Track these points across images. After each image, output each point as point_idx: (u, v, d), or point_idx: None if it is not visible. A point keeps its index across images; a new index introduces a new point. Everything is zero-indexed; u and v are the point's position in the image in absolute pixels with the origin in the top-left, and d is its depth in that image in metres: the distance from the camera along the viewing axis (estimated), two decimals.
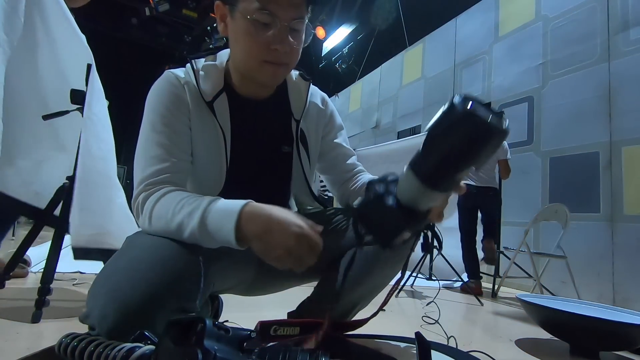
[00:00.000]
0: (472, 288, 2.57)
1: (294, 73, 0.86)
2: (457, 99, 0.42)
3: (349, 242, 0.80)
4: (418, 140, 4.10)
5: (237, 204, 0.59)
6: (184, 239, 0.61)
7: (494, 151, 0.44)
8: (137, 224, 0.68)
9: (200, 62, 0.77)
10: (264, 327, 0.55)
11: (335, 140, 0.91)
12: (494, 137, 0.41)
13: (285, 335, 0.58)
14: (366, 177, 0.88)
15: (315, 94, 0.89)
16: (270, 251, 0.58)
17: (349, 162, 0.91)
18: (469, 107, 0.40)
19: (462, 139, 0.42)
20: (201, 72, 0.75)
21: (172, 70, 0.75)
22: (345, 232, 0.82)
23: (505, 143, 2.83)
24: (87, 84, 1.33)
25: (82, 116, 1.22)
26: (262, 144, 0.80)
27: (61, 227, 1.21)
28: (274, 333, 0.57)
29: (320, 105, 0.89)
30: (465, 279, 2.76)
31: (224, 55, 0.80)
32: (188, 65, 0.77)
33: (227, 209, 0.59)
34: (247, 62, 0.72)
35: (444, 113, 0.43)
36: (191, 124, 0.72)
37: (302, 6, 0.69)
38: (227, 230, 0.58)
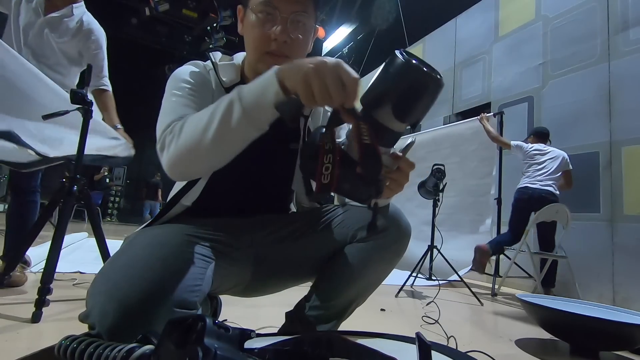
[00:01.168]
0: (477, 261, 2.63)
1: None
2: (398, 53, 0.52)
3: (344, 238, 0.81)
4: (417, 138, 4.10)
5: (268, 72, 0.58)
6: (216, 129, 0.58)
7: (428, 101, 0.52)
8: (162, 160, 0.65)
9: (218, 56, 0.82)
10: None
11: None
12: (429, 84, 0.51)
13: None
14: None
15: None
16: (314, 77, 0.52)
17: None
18: (407, 58, 0.51)
19: (403, 83, 0.51)
20: (219, 67, 0.79)
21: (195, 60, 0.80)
22: (341, 229, 0.82)
23: (566, 156, 2.85)
24: (87, 85, 1.33)
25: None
26: (270, 140, 0.82)
27: (61, 227, 1.21)
28: None
29: (326, 107, 0.92)
30: (461, 274, 2.77)
31: (240, 56, 0.84)
32: (208, 61, 0.81)
33: (261, 77, 0.59)
34: (254, 55, 0.76)
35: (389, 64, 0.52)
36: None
37: (307, 1, 0.73)
38: (269, 81, 0.56)
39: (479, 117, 3.17)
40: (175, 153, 0.62)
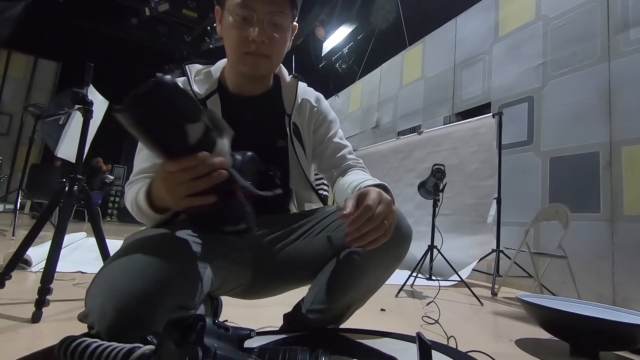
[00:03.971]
0: None
1: (288, 75, 0.91)
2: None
3: (344, 242, 0.80)
4: (419, 137, 4.10)
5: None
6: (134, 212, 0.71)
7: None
8: None
9: (195, 68, 0.84)
10: None
11: (326, 135, 0.94)
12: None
13: None
14: (355, 175, 0.86)
15: (310, 93, 0.93)
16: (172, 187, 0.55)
17: (338, 155, 0.92)
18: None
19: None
20: (196, 78, 0.81)
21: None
22: (341, 232, 0.81)
23: None
24: (87, 84, 1.33)
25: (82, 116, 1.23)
26: (255, 138, 0.83)
27: (61, 227, 1.21)
28: None
29: (314, 103, 0.93)
30: (464, 276, 2.76)
31: (221, 62, 0.86)
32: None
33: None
34: (233, 55, 0.78)
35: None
36: None
37: (283, 2, 0.75)
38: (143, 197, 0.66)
39: None
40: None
